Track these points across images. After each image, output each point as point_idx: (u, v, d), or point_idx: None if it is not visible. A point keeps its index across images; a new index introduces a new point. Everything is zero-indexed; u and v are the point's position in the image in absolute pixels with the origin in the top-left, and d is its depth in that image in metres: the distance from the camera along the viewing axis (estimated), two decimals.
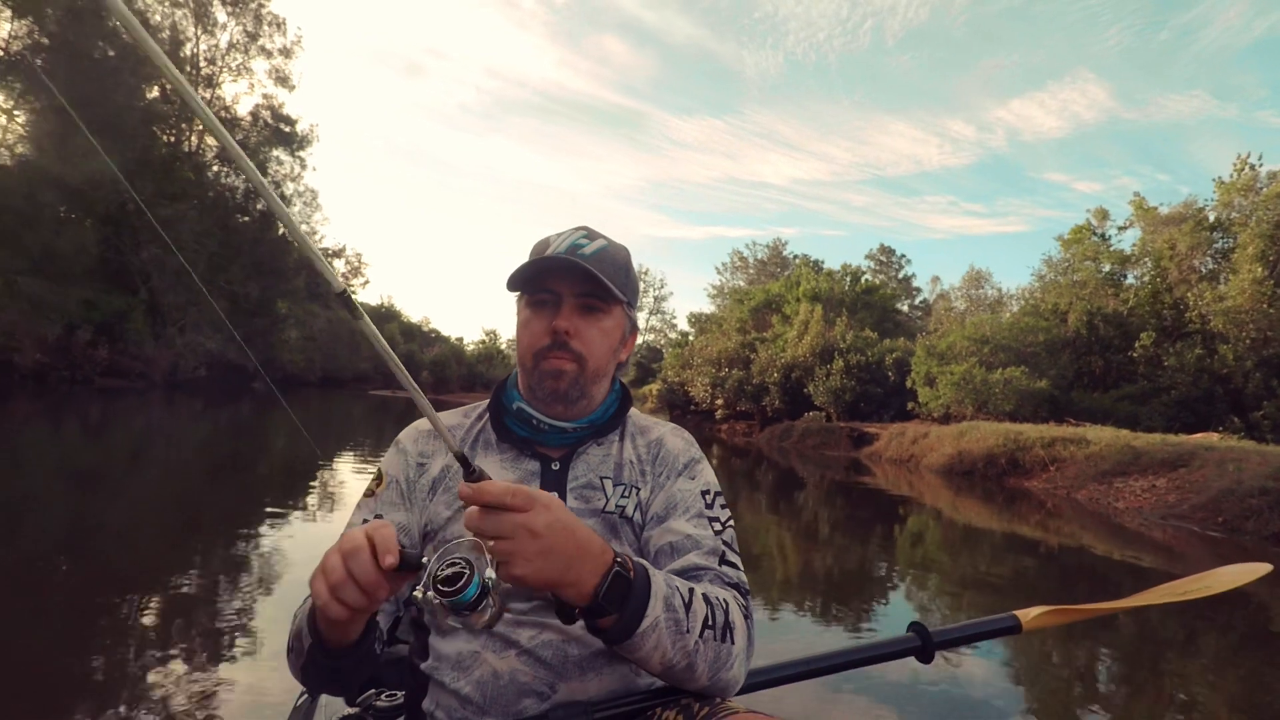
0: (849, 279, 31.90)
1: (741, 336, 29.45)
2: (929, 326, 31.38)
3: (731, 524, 1.02)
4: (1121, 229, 22.84)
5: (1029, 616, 1.32)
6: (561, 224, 1.03)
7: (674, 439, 1.10)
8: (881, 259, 52.42)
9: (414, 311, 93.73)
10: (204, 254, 26.76)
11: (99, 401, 16.92)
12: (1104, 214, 23.02)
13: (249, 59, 33.47)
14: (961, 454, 13.54)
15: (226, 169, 33.05)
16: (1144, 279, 20.89)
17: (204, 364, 27.63)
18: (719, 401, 27.16)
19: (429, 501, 1.01)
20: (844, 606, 4.61)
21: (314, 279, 37.39)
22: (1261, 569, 1.50)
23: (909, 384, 20.19)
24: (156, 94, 28.58)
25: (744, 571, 0.98)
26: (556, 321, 0.98)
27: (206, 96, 32.62)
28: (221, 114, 32.99)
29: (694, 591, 0.85)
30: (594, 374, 1.02)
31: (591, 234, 1.04)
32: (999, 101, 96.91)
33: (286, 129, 34.93)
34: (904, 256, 52.80)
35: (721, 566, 0.95)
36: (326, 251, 42.89)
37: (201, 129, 32.75)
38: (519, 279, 1.01)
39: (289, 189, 36.15)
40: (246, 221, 32.90)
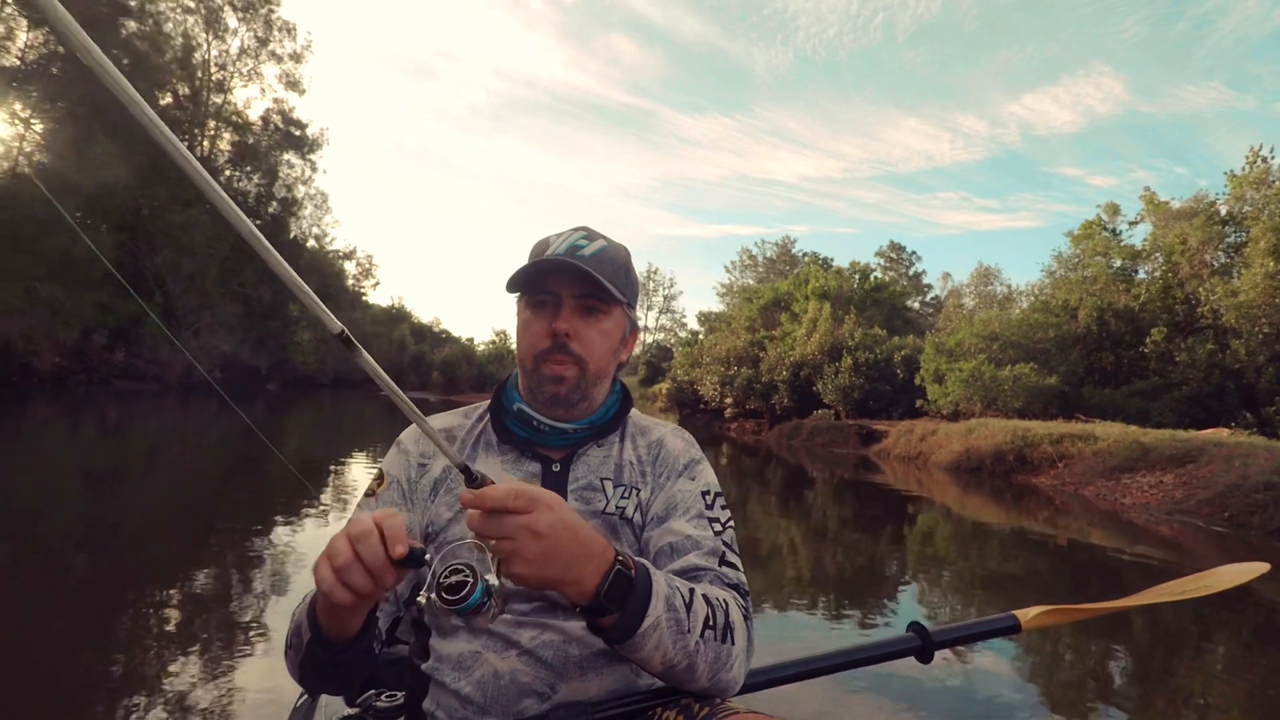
0: (858, 276, 31.81)
1: (750, 335, 29.47)
2: (938, 324, 31.23)
3: (732, 524, 1.02)
4: (1132, 224, 22.70)
5: (1028, 616, 1.33)
6: (572, 223, 1.07)
7: (674, 440, 1.09)
8: (891, 256, 52.25)
9: (424, 312, 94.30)
10: (217, 258, 27.13)
11: (115, 404, 17.19)
12: (1115, 209, 22.88)
13: (260, 64, 33.87)
14: (969, 451, 13.53)
15: (239, 173, 33.46)
16: (1155, 274, 20.74)
17: (218, 366, 27.98)
18: (728, 400, 27.18)
19: (430, 503, 1.01)
20: (850, 605, 4.60)
21: (325, 280, 37.79)
22: (1260, 568, 1.50)
23: (918, 381, 20.13)
24: (170, 100, 29.00)
25: (744, 572, 0.98)
26: (556, 324, 0.98)
27: (218, 101, 33.03)
28: (234, 118, 33.44)
29: (694, 592, 0.85)
30: (595, 376, 1.02)
31: (591, 234, 1.04)
32: (1011, 96, 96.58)
33: (297, 133, 35.35)
34: (914, 253, 52.71)
35: (721, 567, 0.95)
36: (337, 254, 43.28)
37: (213, 134, 33.21)
38: (518, 280, 1.00)
39: (300, 192, 36.51)
40: (259, 225, 33.16)
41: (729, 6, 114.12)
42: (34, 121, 22.33)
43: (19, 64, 21.74)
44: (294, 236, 35.95)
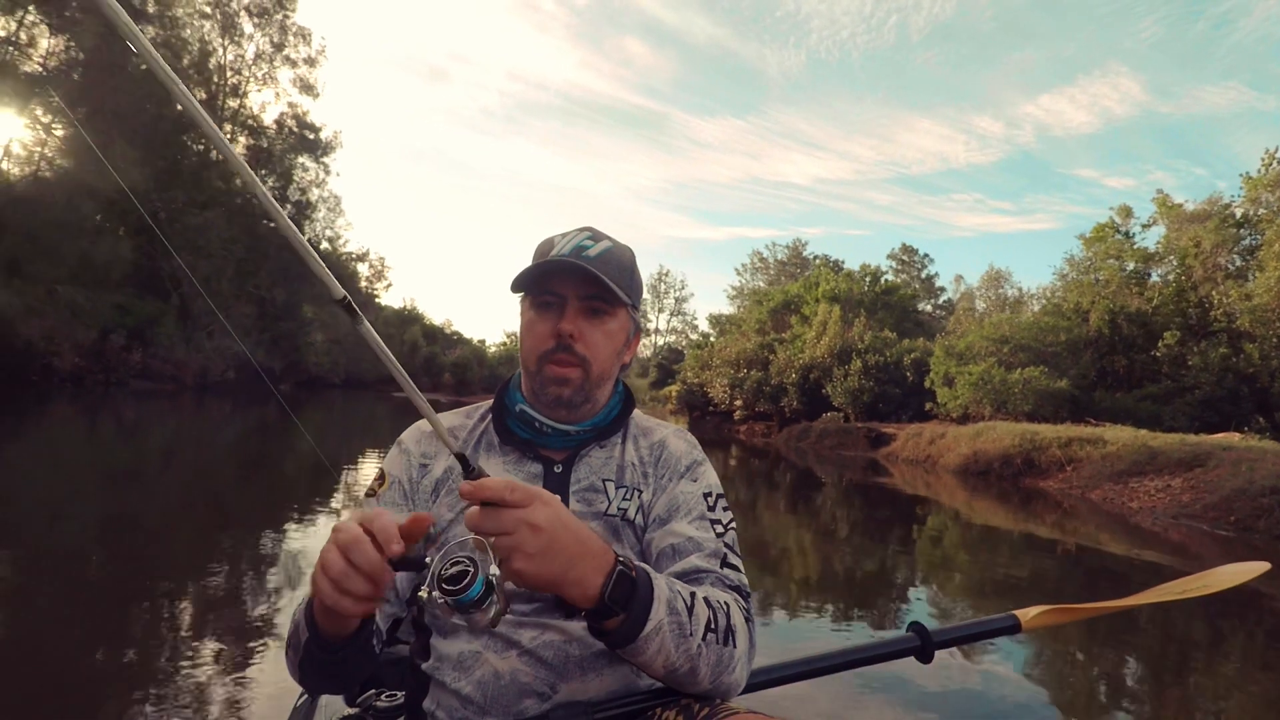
0: (868, 279, 31.75)
1: (760, 337, 29.50)
2: (948, 326, 31.10)
3: (734, 526, 1.01)
4: (1145, 226, 22.52)
5: (1028, 616, 1.32)
6: (583, 225, 1.06)
7: (676, 441, 1.09)
8: (903, 258, 52.01)
9: (437, 314, 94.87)
10: (232, 260, 27.50)
11: (132, 403, 17.48)
12: (1128, 211, 22.71)
13: (275, 69, 34.28)
14: (977, 454, 13.51)
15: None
16: (1168, 277, 20.58)
17: (232, 367, 28.35)
18: (737, 402, 27.20)
19: (431, 503, 1.00)
20: (856, 608, 4.61)
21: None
22: (1260, 567, 1.49)
23: (927, 384, 20.10)
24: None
25: (745, 574, 0.98)
26: (561, 324, 0.97)
27: (234, 105, 33.48)
28: (249, 122, 33.89)
29: (695, 595, 0.84)
30: (598, 378, 1.01)
31: (596, 235, 1.03)
32: (1027, 97, 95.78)
33: (311, 136, 35.73)
34: (926, 256, 52.43)
35: (723, 569, 0.94)
36: (350, 256, 43.70)
37: (229, 137, 33.68)
38: (523, 281, 1.00)
39: (314, 195, 36.90)
40: (272, 227, 33.64)
41: (742, 9, 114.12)
42: (55, 126, 22.75)
43: (41, 70, 22.17)
44: (308, 239, 36.22)
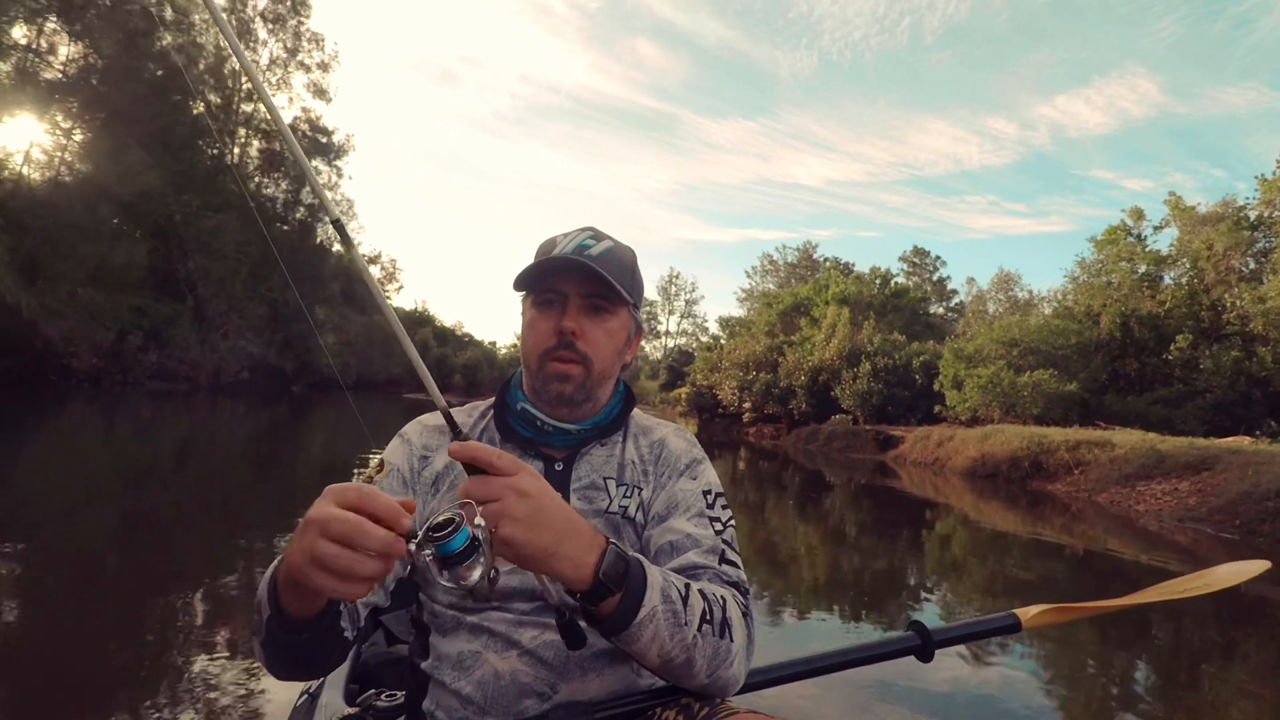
0: (878, 282, 31.71)
1: (769, 340, 29.51)
2: (957, 329, 30.98)
3: (733, 524, 1.01)
4: (1157, 229, 22.37)
5: (1028, 615, 1.32)
6: (585, 225, 1.08)
7: (676, 440, 1.09)
8: (915, 260, 51.83)
9: (448, 316, 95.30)
10: (246, 263, 27.85)
11: (148, 403, 17.74)
12: (1139, 214, 22.56)
13: (288, 74, 34.71)
14: (985, 457, 13.49)
15: (268, 179, 34.30)
16: (1181, 280, 20.44)
17: (246, 368, 28.69)
18: (746, 405, 27.22)
19: (431, 496, 1.00)
20: (861, 607, 4.63)
21: (350, 284, 38.54)
22: (1259, 566, 1.49)
23: (936, 387, 20.06)
24: (201, 109, 29.88)
25: (744, 570, 0.98)
26: (563, 321, 0.98)
27: (248, 110, 33.91)
28: (263, 126, 34.30)
29: (690, 586, 0.84)
30: (599, 376, 1.01)
31: (598, 235, 1.04)
32: (1043, 98, 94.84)
33: (324, 140, 36.12)
34: (938, 258, 52.21)
35: (721, 565, 0.94)
36: (363, 258, 44.08)
37: (243, 141, 34.10)
38: (525, 279, 1.01)
39: (326, 198, 37.26)
40: (286, 230, 34.05)
41: (753, 11, 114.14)
42: (75, 132, 23.17)
43: (61, 77, 22.58)
44: (320, 241, 36.74)
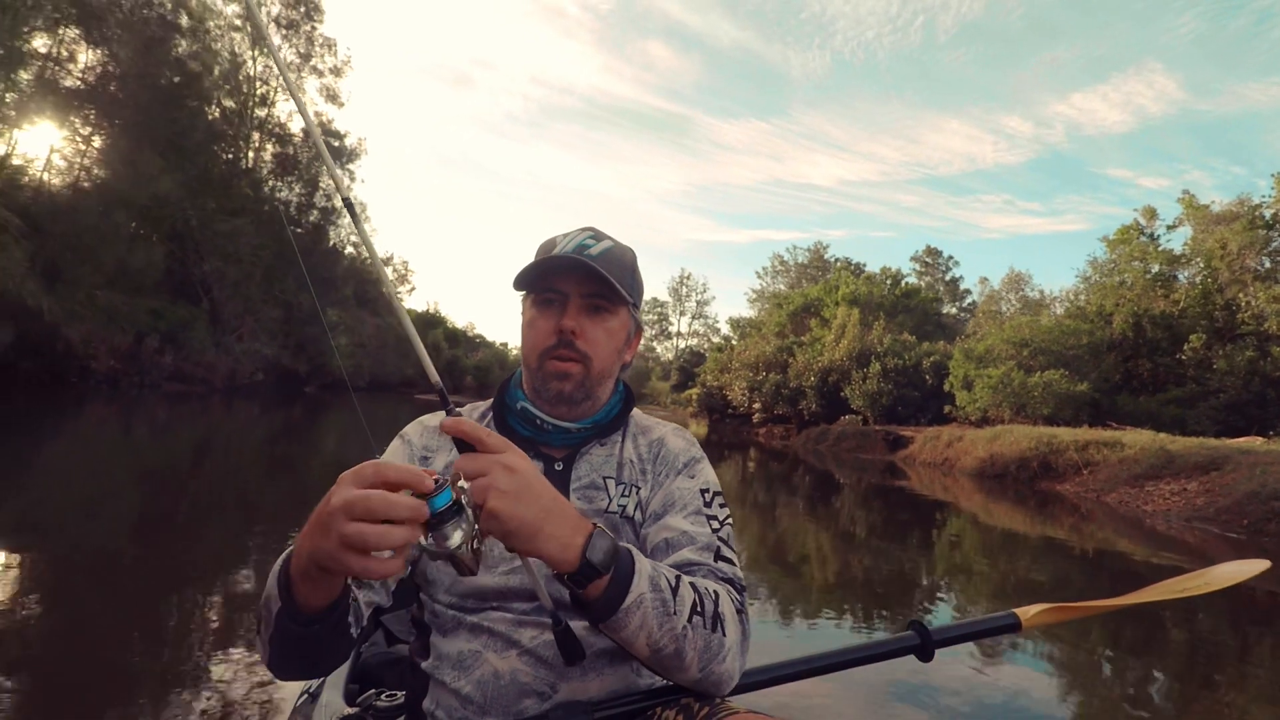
0: (889, 282, 31.61)
1: (780, 340, 29.52)
2: (968, 330, 30.81)
3: (730, 523, 1.02)
4: (1171, 228, 22.18)
5: (1029, 614, 1.31)
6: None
7: (675, 439, 1.09)
8: (927, 260, 51.53)
9: (459, 317, 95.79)
10: (260, 266, 28.19)
11: (165, 405, 18.01)
12: (1152, 213, 22.38)
13: (301, 78, 35.08)
14: (994, 457, 13.47)
15: (281, 183, 34.70)
16: (1195, 279, 20.26)
17: (261, 370, 29.03)
18: (756, 405, 27.25)
19: None
20: (869, 607, 4.65)
21: (363, 286, 38.90)
22: (1259, 566, 1.48)
23: (946, 388, 20.01)
24: (217, 114, 30.32)
25: (740, 568, 0.98)
26: (563, 321, 0.98)
27: (262, 115, 34.33)
28: (276, 131, 34.74)
29: (680, 578, 0.84)
30: (599, 375, 1.02)
31: (598, 234, 1.04)
32: (1058, 96, 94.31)
33: (336, 143, 36.48)
34: (951, 258, 51.92)
35: (716, 562, 0.94)
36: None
37: (256, 145, 34.51)
38: (525, 278, 1.01)
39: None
40: (299, 233, 34.40)
41: (766, 11, 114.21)
42: (94, 138, 23.57)
43: (80, 84, 22.98)
44: (333, 244, 37.14)
